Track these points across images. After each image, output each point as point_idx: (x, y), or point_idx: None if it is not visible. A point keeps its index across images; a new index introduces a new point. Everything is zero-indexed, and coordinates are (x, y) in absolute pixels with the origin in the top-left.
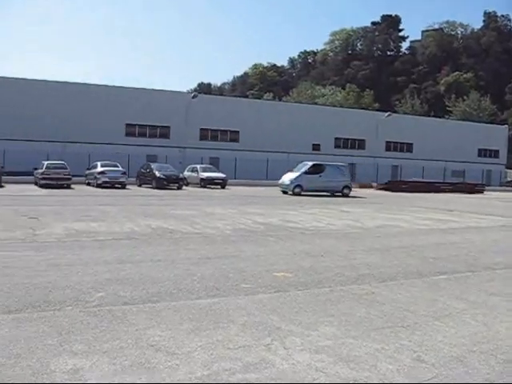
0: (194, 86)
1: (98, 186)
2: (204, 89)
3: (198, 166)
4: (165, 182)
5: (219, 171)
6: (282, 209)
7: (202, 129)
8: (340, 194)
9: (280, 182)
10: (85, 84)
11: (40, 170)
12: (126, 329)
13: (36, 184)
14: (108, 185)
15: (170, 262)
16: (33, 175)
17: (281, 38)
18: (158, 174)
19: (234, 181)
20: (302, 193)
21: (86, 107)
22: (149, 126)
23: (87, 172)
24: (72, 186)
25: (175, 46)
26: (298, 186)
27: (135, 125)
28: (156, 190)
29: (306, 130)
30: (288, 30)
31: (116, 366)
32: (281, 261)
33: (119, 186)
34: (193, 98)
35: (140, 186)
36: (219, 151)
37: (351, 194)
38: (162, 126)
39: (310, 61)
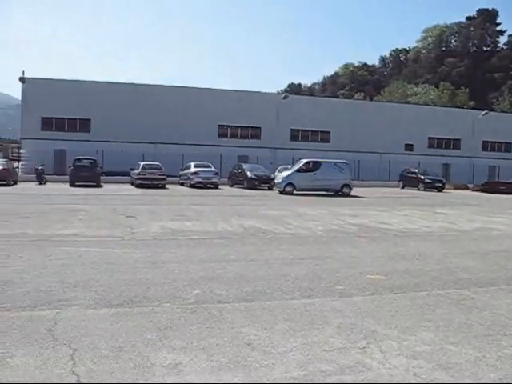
0: (284, 86)
1: (192, 186)
2: (294, 89)
3: (289, 167)
4: (256, 183)
5: None
6: (375, 210)
7: (292, 129)
8: (340, 193)
9: (276, 180)
10: (179, 86)
11: (136, 171)
12: (222, 327)
13: (132, 184)
14: (201, 185)
15: (263, 261)
16: (129, 175)
17: (371, 36)
18: (249, 174)
19: None
20: (295, 192)
21: (180, 109)
22: (240, 126)
23: (181, 172)
24: (166, 186)
25: (265, 47)
26: (290, 184)
27: (227, 126)
28: (247, 191)
29: (398, 129)
30: (379, 29)
31: (213, 362)
32: (375, 263)
33: (212, 186)
34: (283, 98)
35: (232, 186)
36: (310, 152)
37: (354, 193)
38: (253, 127)
39: (401, 59)
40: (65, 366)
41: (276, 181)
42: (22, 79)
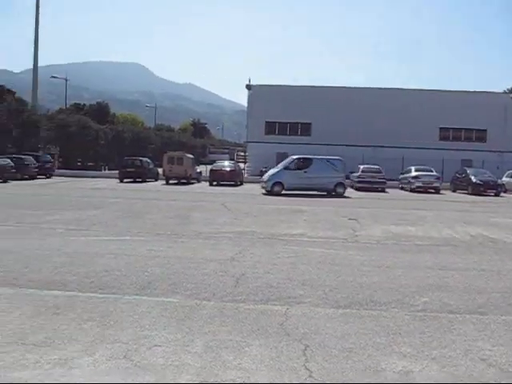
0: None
1: (412, 190)
2: None
3: None
4: (481, 188)
5: None
6: None
7: None
8: (333, 193)
9: (262, 178)
10: (397, 89)
11: (356, 174)
12: (454, 338)
13: (352, 187)
14: (422, 189)
15: (495, 272)
16: (348, 178)
17: None
18: (473, 179)
19: None
20: (283, 192)
21: (399, 111)
22: (464, 129)
23: (401, 176)
24: (386, 189)
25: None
26: (278, 183)
27: (449, 128)
28: (471, 196)
29: None
30: None
31: (446, 374)
32: None
33: (433, 190)
34: None
35: (454, 191)
36: None
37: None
38: (478, 129)
39: None
40: (297, 360)
41: (262, 179)
42: (248, 86)
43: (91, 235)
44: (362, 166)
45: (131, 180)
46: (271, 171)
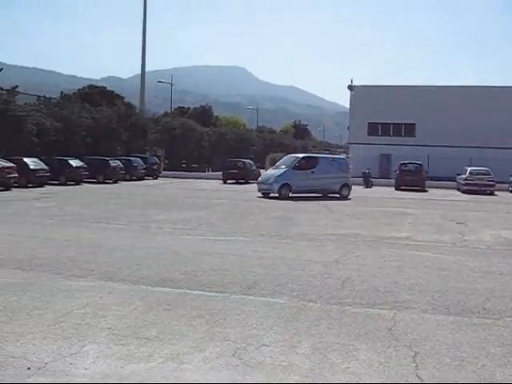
0: None
1: None
2: None
3: None
4: None
5: None
6: None
7: None
8: (338, 195)
9: (259, 179)
10: (507, 87)
11: (463, 176)
12: None
13: (458, 189)
14: None
15: None
16: (454, 181)
17: None
18: None
19: None
20: (291, 195)
21: (508, 111)
22: None
23: (511, 179)
24: (495, 192)
25: None
26: (286, 185)
27: None
28: None
29: None
30: None
31: None
32: None
33: None
34: None
35: None
36: None
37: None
38: None
39: None
40: (407, 367)
41: (262, 180)
42: (350, 87)
43: (197, 235)
44: (469, 168)
45: (234, 181)
46: (272, 172)
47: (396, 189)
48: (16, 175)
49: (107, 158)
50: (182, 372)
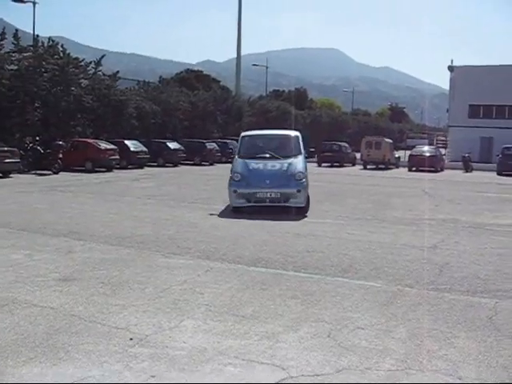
0: None
1: None
2: None
3: None
4: None
5: None
6: None
7: None
8: None
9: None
10: None
11: None
12: None
13: None
14: None
15: None
16: None
17: None
18: None
19: None
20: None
21: None
22: None
23: None
24: None
25: None
26: None
27: None
28: None
29: None
30: None
31: None
32: None
33: None
34: None
35: None
36: None
37: None
38: None
39: None
40: (509, 358)
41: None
42: (450, 68)
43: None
44: None
45: (329, 164)
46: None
47: (498, 174)
48: (118, 157)
49: (204, 141)
50: (277, 350)
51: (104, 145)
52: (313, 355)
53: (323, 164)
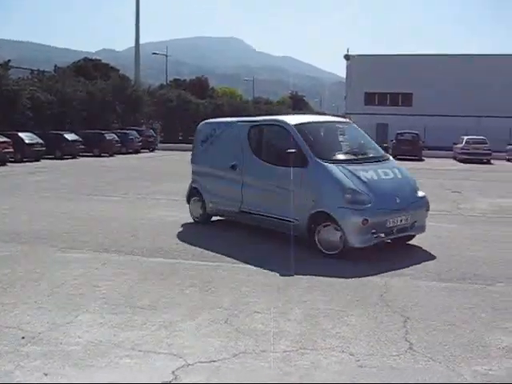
0: None
1: None
2: None
3: None
4: None
5: None
6: None
7: None
8: None
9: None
10: (505, 55)
11: (459, 145)
12: None
13: (455, 158)
14: None
15: None
16: (451, 150)
17: None
18: None
19: None
20: None
21: (505, 80)
22: None
23: (508, 147)
24: (491, 161)
25: None
26: None
27: None
28: None
29: None
30: None
31: None
32: None
33: None
34: None
35: None
36: None
37: None
38: None
39: None
40: (397, 332)
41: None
42: (346, 57)
43: None
44: (465, 137)
45: None
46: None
47: (393, 157)
48: (11, 150)
49: (103, 132)
50: (174, 339)
51: None
52: (210, 342)
53: None
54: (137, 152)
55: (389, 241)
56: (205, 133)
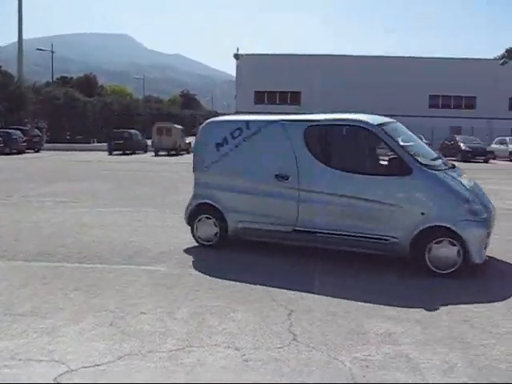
0: (501, 52)
1: None
2: None
3: (508, 139)
4: (469, 155)
5: None
6: None
7: None
8: None
9: None
10: (385, 56)
11: None
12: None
13: None
14: None
15: None
16: None
17: None
18: (463, 146)
19: None
20: None
21: (388, 80)
22: (453, 96)
23: None
24: None
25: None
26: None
27: (439, 96)
28: (461, 163)
29: None
30: None
31: (428, 336)
32: None
33: None
34: (502, 64)
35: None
36: None
37: None
38: (467, 97)
39: None
40: (282, 324)
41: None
42: (236, 56)
43: (80, 207)
44: None
45: (120, 152)
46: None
47: None
48: None
49: None
50: (56, 345)
51: None
52: (94, 345)
53: (114, 152)
54: (21, 152)
55: None
56: (220, 134)
